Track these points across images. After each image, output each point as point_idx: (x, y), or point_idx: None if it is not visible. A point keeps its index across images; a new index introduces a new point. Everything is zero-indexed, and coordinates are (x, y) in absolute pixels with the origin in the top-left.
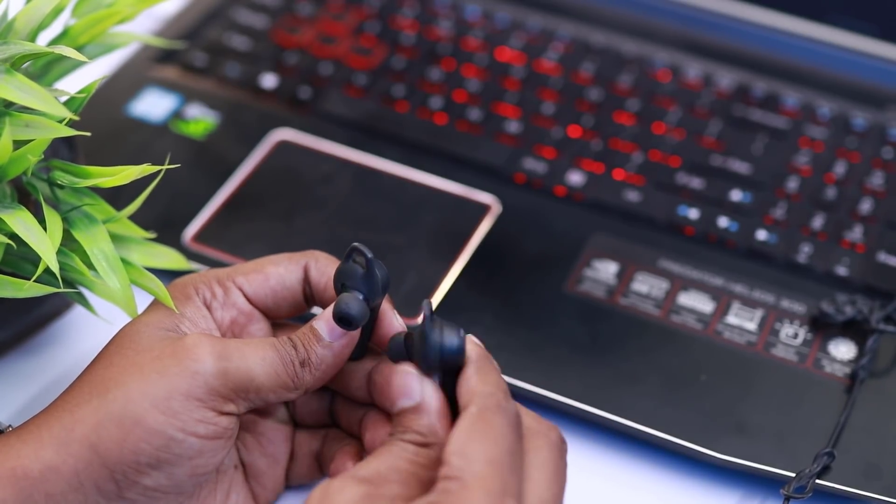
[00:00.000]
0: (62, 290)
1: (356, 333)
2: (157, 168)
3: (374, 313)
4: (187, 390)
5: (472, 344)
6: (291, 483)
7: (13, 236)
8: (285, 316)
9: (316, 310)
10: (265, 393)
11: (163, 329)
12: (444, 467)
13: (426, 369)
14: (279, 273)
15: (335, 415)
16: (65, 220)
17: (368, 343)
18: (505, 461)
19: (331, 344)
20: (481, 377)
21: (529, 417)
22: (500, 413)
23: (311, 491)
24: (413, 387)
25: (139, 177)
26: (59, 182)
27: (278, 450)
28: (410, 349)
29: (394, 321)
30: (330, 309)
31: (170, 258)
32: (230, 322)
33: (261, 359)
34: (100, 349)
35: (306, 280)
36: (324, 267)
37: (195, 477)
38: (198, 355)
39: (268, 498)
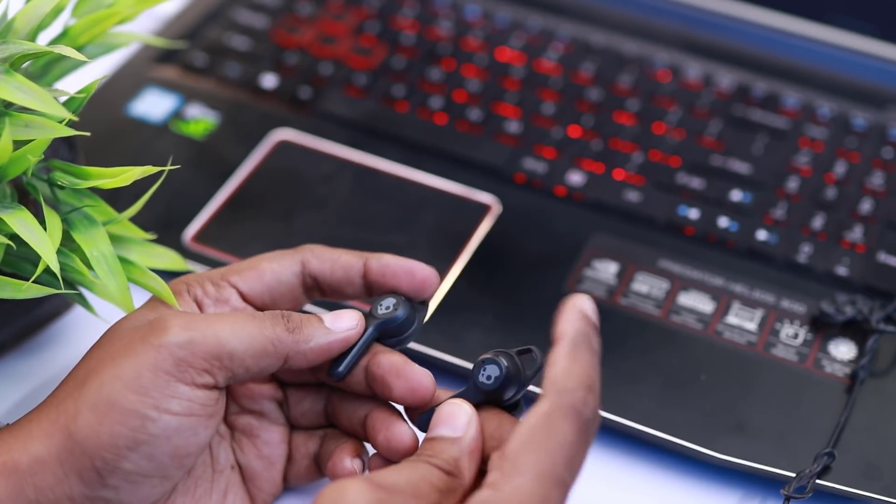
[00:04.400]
0: (62, 291)
1: (354, 336)
2: (158, 169)
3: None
4: (154, 364)
5: (573, 312)
6: (290, 484)
7: (13, 237)
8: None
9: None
10: (241, 358)
11: (143, 320)
12: (492, 471)
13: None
14: (273, 269)
15: (333, 415)
16: (65, 221)
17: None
18: (554, 477)
19: (329, 329)
20: (568, 366)
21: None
22: (569, 418)
23: (312, 489)
24: (460, 421)
25: (140, 178)
26: (59, 183)
27: (274, 452)
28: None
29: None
30: (346, 313)
31: (169, 259)
32: None
33: (231, 323)
34: None
35: (307, 273)
36: (322, 256)
37: (178, 459)
38: (163, 329)
39: (265, 500)
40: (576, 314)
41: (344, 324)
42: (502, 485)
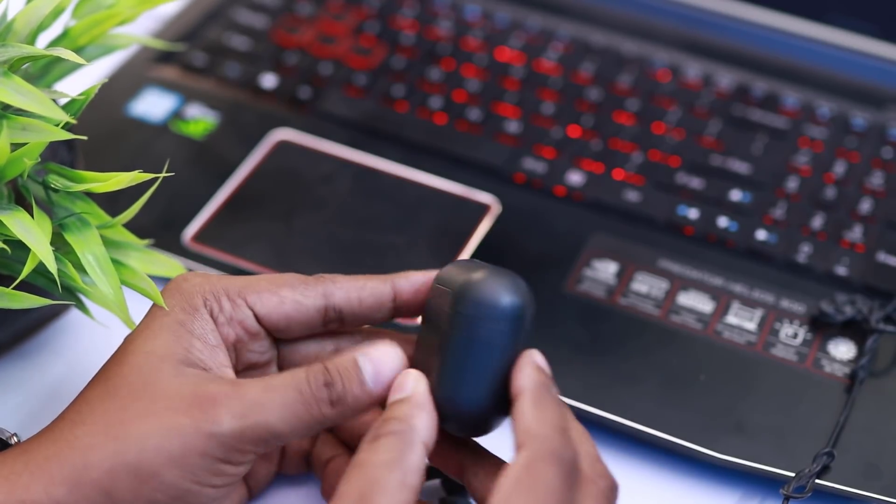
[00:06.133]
0: (58, 302)
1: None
2: (150, 176)
3: None
4: (203, 450)
5: (529, 367)
6: (280, 472)
7: (6, 241)
8: (295, 337)
9: None
10: (285, 438)
11: (175, 362)
12: None
13: None
14: (295, 298)
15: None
16: (58, 224)
17: None
18: None
19: (371, 390)
20: (537, 414)
21: (586, 460)
22: (551, 463)
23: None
24: (407, 384)
25: (131, 184)
26: (53, 186)
27: (273, 450)
28: None
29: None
30: (379, 348)
31: (168, 266)
32: (234, 339)
33: (281, 407)
34: (97, 352)
35: (331, 306)
36: (346, 286)
37: None
38: (215, 416)
39: (260, 488)
40: (530, 368)
41: (385, 376)
42: None
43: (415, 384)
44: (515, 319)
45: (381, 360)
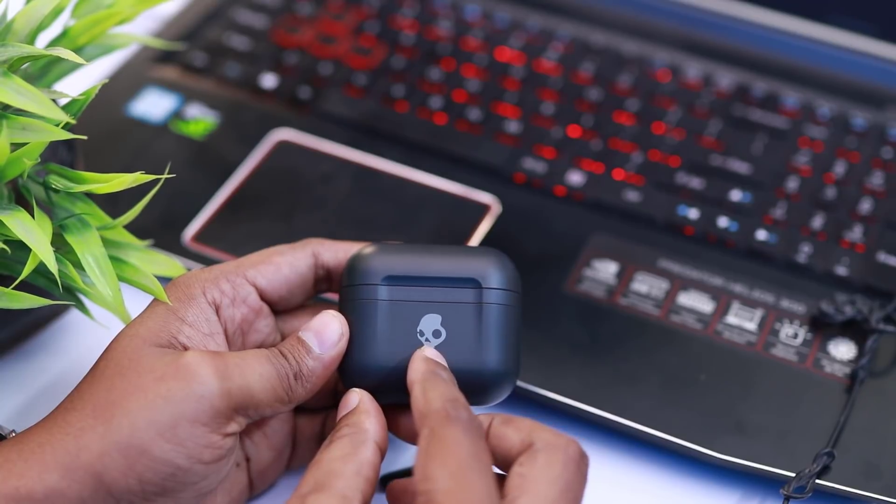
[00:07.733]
0: (58, 302)
1: (344, 344)
2: (151, 177)
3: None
4: (193, 416)
5: (418, 362)
6: (292, 468)
7: (7, 242)
8: (294, 305)
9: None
10: (263, 408)
11: (159, 344)
12: (417, 497)
13: None
14: (289, 262)
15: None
16: (59, 224)
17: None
18: (467, 468)
19: (321, 356)
20: (427, 396)
21: (547, 432)
22: (450, 425)
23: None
24: (330, 338)
25: (133, 185)
26: (53, 186)
27: (283, 441)
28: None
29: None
30: (318, 320)
31: (167, 266)
32: (240, 319)
33: (259, 374)
34: (97, 352)
35: (319, 265)
36: (332, 248)
37: (200, 497)
38: (202, 377)
39: (262, 487)
40: (419, 362)
41: (329, 339)
42: (431, 498)
43: (359, 396)
44: (364, 283)
45: (320, 328)
